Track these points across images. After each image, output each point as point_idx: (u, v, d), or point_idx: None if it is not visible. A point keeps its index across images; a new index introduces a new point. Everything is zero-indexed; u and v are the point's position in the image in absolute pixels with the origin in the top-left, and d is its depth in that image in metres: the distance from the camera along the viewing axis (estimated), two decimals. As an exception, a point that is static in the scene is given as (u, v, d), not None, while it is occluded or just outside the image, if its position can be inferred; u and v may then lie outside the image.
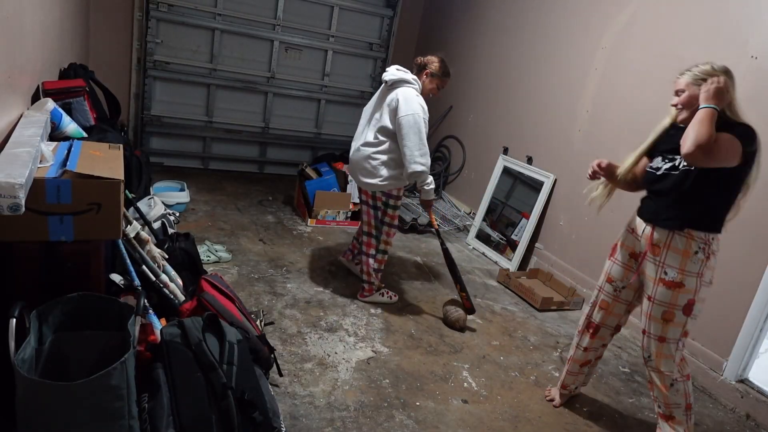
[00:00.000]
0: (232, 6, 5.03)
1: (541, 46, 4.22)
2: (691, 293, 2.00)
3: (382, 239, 3.09)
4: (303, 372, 2.40)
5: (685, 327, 2.05)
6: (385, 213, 3.05)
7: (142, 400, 1.59)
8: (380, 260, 3.12)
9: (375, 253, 3.10)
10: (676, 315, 2.03)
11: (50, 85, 2.50)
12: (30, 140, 1.64)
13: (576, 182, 3.78)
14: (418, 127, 2.80)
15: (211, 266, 3.18)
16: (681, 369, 2.12)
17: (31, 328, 1.49)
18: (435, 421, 2.24)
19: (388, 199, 3.01)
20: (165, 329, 1.75)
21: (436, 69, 2.99)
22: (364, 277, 3.16)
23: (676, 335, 2.06)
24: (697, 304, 2.02)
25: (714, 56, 2.92)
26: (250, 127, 5.46)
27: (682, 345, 2.10)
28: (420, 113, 2.82)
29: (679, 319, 2.04)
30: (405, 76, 2.92)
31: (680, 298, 2.01)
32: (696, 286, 2.00)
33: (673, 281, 2.01)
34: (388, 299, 3.19)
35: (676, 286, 2.00)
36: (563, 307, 3.56)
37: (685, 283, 2.00)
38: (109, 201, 1.68)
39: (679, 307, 2.02)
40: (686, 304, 2.02)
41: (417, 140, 2.80)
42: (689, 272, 1.99)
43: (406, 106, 2.81)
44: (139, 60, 4.82)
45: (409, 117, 2.79)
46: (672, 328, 2.05)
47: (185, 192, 4.13)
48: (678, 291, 2.01)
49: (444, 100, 5.47)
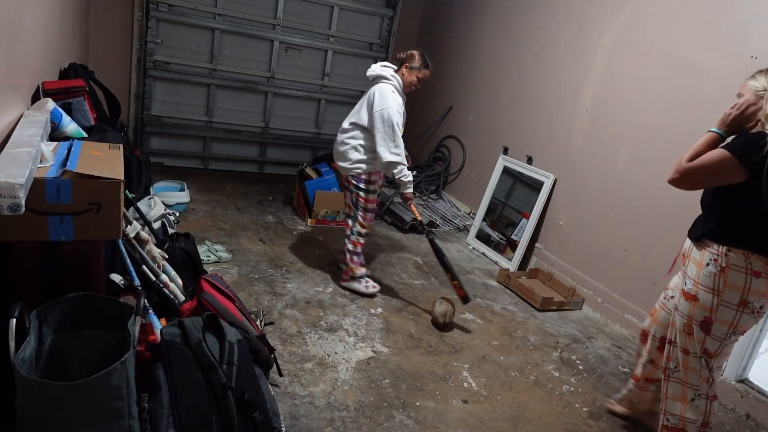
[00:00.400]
0: (232, 6, 5.02)
1: (541, 46, 4.22)
2: (707, 311, 1.91)
3: (357, 222, 3.19)
4: (303, 372, 2.40)
5: (705, 345, 1.96)
6: (357, 196, 3.16)
7: (142, 400, 1.59)
8: (354, 242, 3.22)
9: (350, 234, 3.23)
10: (694, 330, 1.96)
11: (50, 85, 2.50)
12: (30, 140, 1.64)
13: (576, 182, 3.78)
14: (391, 122, 2.94)
15: (211, 266, 3.18)
16: (707, 386, 2.02)
17: (31, 328, 1.49)
18: (435, 421, 2.24)
19: (359, 183, 3.13)
20: (165, 329, 1.75)
21: (414, 62, 3.09)
22: (342, 259, 3.28)
23: (696, 350, 1.99)
24: (716, 324, 1.91)
25: (714, 56, 2.93)
26: (250, 127, 5.46)
27: (709, 364, 2.00)
28: (393, 108, 2.95)
29: (698, 336, 1.96)
30: (384, 72, 3.07)
31: (696, 312, 1.94)
32: (712, 303, 1.89)
33: (689, 293, 1.96)
34: (364, 288, 3.23)
35: (691, 298, 1.95)
36: (563, 307, 3.56)
37: (699, 297, 1.92)
38: (109, 201, 1.68)
39: (696, 322, 1.95)
40: (703, 321, 1.93)
41: (390, 133, 2.94)
42: (702, 286, 1.91)
43: (380, 101, 2.96)
44: (139, 60, 4.82)
45: (383, 112, 2.94)
46: (692, 342, 1.99)
47: (185, 192, 4.13)
48: (693, 304, 1.94)
49: (444, 100, 5.48)
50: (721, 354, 1.99)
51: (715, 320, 1.91)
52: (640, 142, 3.32)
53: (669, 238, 3.12)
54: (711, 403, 2.04)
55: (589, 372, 2.85)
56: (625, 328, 3.34)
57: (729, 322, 1.90)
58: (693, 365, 2.02)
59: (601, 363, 2.97)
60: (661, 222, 3.17)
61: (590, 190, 3.66)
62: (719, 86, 2.88)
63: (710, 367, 2.01)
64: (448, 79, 5.45)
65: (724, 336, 1.93)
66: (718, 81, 2.89)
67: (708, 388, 2.03)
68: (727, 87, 2.84)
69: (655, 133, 3.23)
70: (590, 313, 3.56)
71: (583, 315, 3.56)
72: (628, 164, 3.40)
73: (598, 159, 3.61)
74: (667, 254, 3.13)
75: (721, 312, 1.90)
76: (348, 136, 3.13)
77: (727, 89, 2.85)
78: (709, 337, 1.94)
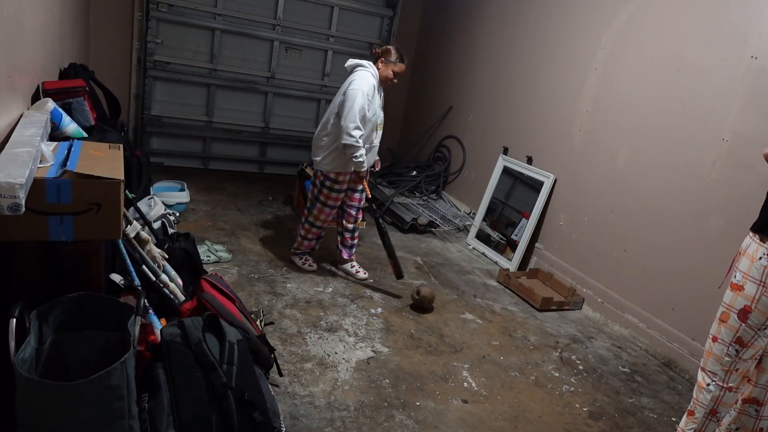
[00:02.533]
0: (232, 6, 5.02)
1: (541, 46, 4.22)
2: (749, 300, 1.94)
3: (312, 212, 3.35)
4: (303, 372, 2.40)
5: (738, 333, 1.98)
6: (320, 191, 3.28)
7: (142, 400, 1.59)
8: (307, 229, 3.40)
9: (303, 221, 3.41)
10: (731, 317, 1.99)
11: (50, 85, 2.50)
12: (30, 140, 1.64)
13: (576, 182, 3.78)
14: (359, 102, 3.00)
15: (211, 266, 3.18)
16: (726, 376, 2.03)
17: (31, 328, 1.49)
18: (435, 421, 2.24)
19: (325, 180, 3.25)
20: (165, 329, 1.75)
21: (390, 56, 3.18)
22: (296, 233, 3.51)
23: (727, 338, 2.01)
24: (755, 313, 1.94)
25: (714, 56, 2.93)
26: (250, 127, 5.46)
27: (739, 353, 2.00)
28: (365, 90, 3.03)
29: (733, 323, 1.98)
30: (360, 61, 3.18)
31: (738, 301, 1.97)
32: (756, 293, 1.92)
33: (737, 284, 1.99)
34: (301, 264, 3.44)
35: (737, 288, 1.98)
36: (563, 307, 3.56)
37: (746, 287, 1.95)
38: (109, 201, 1.68)
39: (735, 310, 1.98)
40: (742, 309, 1.96)
41: (355, 112, 3.00)
42: (752, 277, 1.94)
43: (355, 83, 3.05)
44: (139, 60, 4.82)
45: (354, 91, 3.02)
46: (724, 329, 2.01)
47: (185, 192, 4.13)
48: (737, 293, 1.97)
49: (444, 100, 5.48)
50: (753, 345, 2.00)
51: (755, 309, 1.94)
52: (640, 142, 3.32)
53: (669, 237, 3.12)
54: (726, 393, 2.05)
55: (589, 372, 2.85)
56: (625, 328, 3.34)
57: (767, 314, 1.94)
58: (716, 351, 2.04)
59: (601, 363, 2.97)
60: (661, 222, 3.17)
61: (590, 190, 3.66)
62: (719, 86, 2.88)
63: (740, 357, 2.01)
64: (448, 79, 5.45)
65: (759, 326, 1.96)
66: (718, 81, 2.89)
67: (726, 377, 2.04)
68: (727, 87, 2.85)
69: (655, 133, 3.23)
70: (590, 313, 3.56)
71: (583, 315, 3.56)
72: (628, 164, 3.40)
73: (598, 159, 3.61)
74: (666, 254, 3.13)
75: (762, 303, 1.93)
76: (324, 133, 3.19)
77: (727, 89, 2.85)
78: (744, 325, 1.97)
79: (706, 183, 2.92)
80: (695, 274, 2.95)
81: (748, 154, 2.71)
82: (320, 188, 3.28)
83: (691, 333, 2.95)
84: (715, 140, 2.88)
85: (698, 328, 2.88)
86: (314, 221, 3.35)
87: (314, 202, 3.32)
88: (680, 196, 3.07)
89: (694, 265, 2.96)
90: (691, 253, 2.98)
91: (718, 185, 2.87)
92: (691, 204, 3.01)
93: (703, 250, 2.91)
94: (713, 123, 2.91)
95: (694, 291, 2.95)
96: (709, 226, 2.90)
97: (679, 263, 3.04)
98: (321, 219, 3.35)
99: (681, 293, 3.02)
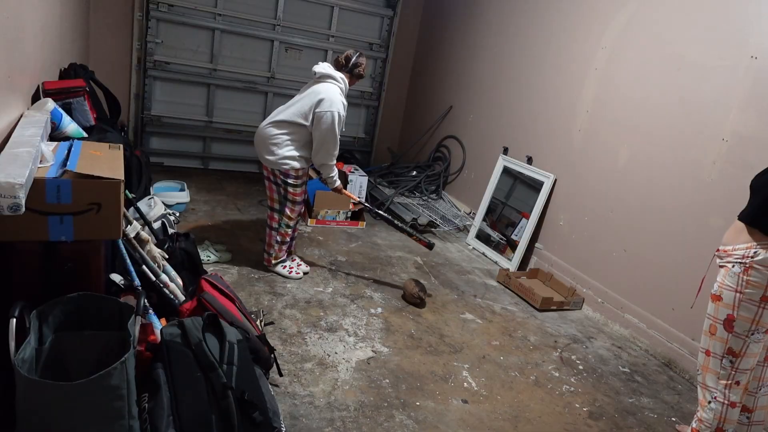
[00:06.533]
0: (232, 6, 5.02)
1: (541, 46, 4.22)
2: (729, 308, 1.97)
3: (284, 214, 3.26)
4: (303, 372, 2.40)
5: (728, 344, 1.99)
6: (286, 191, 3.21)
7: (142, 400, 1.59)
8: (284, 233, 3.29)
9: (278, 226, 3.28)
10: (717, 329, 2.01)
11: (50, 85, 2.50)
12: (30, 140, 1.64)
13: (576, 182, 3.78)
14: (335, 125, 3.03)
15: (211, 266, 3.18)
16: (727, 391, 2.03)
17: (31, 328, 1.49)
18: (435, 421, 2.24)
19: (287, 178, 3.17)
20: (165, 329, 1.75)
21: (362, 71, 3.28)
22: (265, 248, 3.34)
23: (718, 351, 2.02)
24: (738, 321, 1.96)
25: (714, 56, 2.93)
26: (250, 127, 5.44)
27: (734, 364, 2.00)
28: (341, 111, 3.04)
29: (721, 334, 2.00)
30: (333, 73, 3.14)
31: (719, 311, 1.99)
32: (734, 301, 1.95)
33: (715, 294, 2.02)
34: (287, 273, 3.32)
35: (717, 299, 2.01)
36: (563, 307, 3.56)
37: (723, 296, 1.98)
38: (109, 201, 1.68)
39: (720, 321, 2.00)
40: (726, 319, 1.98)
41: (332, 136, 3.04)
42: (727, 285, 1.97)
43: (328, 103, 3.01)
44: (139, 60, 4.82)
45: (329, 114, 3.01)
46: (714, 342, 2.03)
47: (185, 192, 4.13)
48: (717, 304, 2.00)
49: (444, 100, 5.48)
50: (747, 354, 1.99)
51: (738, 317, 1.96)
52: (640, 142, 3.32)
53: (669, 237, 3.12)
54: (729, 409, 2.04)
55: (589, 372, 2.85)
56: (625, 328, 3.34)
57: (753, 320, 1.94)
58: (713, 367, 2.05)
59: (601, 363, 2.97)
60: (661, 222, 3.17)
61: (590, 190, 3.66)
62: (719, 86, 2.88)
63: (736, 368, 2.01)
64: (448, 79, 5.45)
65: (746, 333, 1.96)
66: (718, 81, 2.89)
67: (726, 392, 2.03)
68: (727, 87, 2.85)
69: (655, 133, 3.23)
70: (590, 313, 3.56)
71: (583, 315, 3.56)
72: (628, 164, 3.40)
73: (598, 159, 3.61)
74: (666, 254, 3.13)
75: (745, 310, 1.95)
76: (281, 131, 3.09)
77: (727, 89, 2.85)
78: (732, 335, 1.98)
79: (706, 183, 2.92)
80: (695, 274, 2.95)
81: (748, 154, 2.71)
82: (285, 187, 3.19)
83: (691, 333, 2.95)
84: (715, 140, 2.88)
85: (698, 328, 2.84)
86: (288, 222, 3.28)
87: (283, 203, 3.23)
88: (680, 195, 3.07)
89: (694, 265, 2.96)
90: (691, 253, 2.98)
91: (717, 185, 2.87)
92: (691, 204, 3.01)
93: (704, 250, 2.91)
94: (713, 123, 2.91)
95: (694, 291, 2.95)
96: (709, 226, 2.90)
97: (679, 263, 3.04)
98: (293, 218, 3.30)
99: (681, 293, 3.02)
